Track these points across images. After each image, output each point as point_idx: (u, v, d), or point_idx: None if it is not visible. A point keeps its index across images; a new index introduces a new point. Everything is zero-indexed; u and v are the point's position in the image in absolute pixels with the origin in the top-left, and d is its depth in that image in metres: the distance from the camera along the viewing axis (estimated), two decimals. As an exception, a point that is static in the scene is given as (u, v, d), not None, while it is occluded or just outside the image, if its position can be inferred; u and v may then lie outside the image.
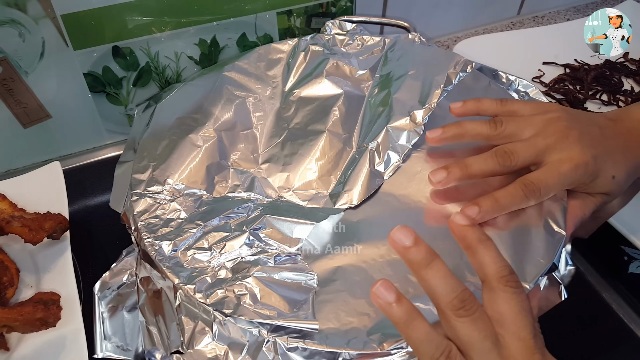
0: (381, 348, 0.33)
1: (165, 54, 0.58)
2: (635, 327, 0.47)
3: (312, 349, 0.33)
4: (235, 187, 0.45)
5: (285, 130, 0.50)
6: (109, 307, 0.41)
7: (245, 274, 0.36)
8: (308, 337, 0.33)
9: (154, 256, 0.37)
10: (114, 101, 0.59)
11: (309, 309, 0.35)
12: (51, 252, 0.46)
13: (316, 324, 0.34)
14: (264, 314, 0.34)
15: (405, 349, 0.33)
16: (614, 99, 0.65)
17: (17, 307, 0.37)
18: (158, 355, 0.34)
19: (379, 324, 0.34)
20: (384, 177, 0.45)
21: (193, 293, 0.35)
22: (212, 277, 0.36)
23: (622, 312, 0.48)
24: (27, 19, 0.50)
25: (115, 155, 0.60)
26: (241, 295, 0.35)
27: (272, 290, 0.36)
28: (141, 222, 0.40)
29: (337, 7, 0.64)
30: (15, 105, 0.54)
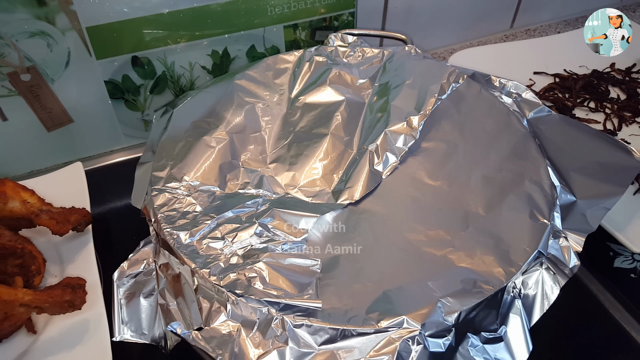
0: (378, 325, 0.36)
1: (180, 64, 0.62)
2: (620, 317, 0.50)
3: (316, 326, 0.36)
4: (245, 184, 0.48)
5: (291, 133, 0.53)
6: (126, 294, 0.44)
7: (255, 260, 0.40)
8: (312, 315, 0.37)
9: (173, 244, 0.41)
10: (131, 107, 0.63)
11: (313, 291, 0.38)
12: (74, 244, 0.50)
13: (319, 303, 0.37)
14: (272, 294, 0.37)
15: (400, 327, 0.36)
16: (601, 106, 0.69)
17: (47, 290, 0.41)
18: (179, 329, 0.37)
19: (376, 304, 0.38)
20: (382, 176, 0.49)
21: (208, 276, 0.39)
22: (225, 263, 0.40)
23: (608, 303, 0.51)
24: (55, 30, 0.54)
25: (131, 157, 0.64)
26: (251, 278, 0.38)
27: (279, 274, 0.39)
28: (160, 214, 0.43)
29: (339, 21, 0.68)
30: (41, 110, 0.58)
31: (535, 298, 0.42)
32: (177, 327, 0.37)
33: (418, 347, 0.36)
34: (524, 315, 0.40)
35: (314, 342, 0.36)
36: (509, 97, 0.57)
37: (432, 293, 0.38)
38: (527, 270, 0.42)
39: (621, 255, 0.54)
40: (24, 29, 0.53)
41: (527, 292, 0.42)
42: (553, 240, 0.44)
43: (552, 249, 0.43)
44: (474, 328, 0.39)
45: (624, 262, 0.54)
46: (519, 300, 0.41)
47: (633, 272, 0.53)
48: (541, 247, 0.42)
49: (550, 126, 0.54)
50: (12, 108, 0.57)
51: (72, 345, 0.43)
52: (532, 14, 0.87)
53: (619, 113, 0.68)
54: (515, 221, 0.44)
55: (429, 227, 0.45)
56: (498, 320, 0.40)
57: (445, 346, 0.37)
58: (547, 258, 0.43)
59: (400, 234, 0.44)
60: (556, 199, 0.47)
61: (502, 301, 0.40)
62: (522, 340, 0.39)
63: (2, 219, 0.46)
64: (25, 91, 0.56)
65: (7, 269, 0.44)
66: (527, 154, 0.50)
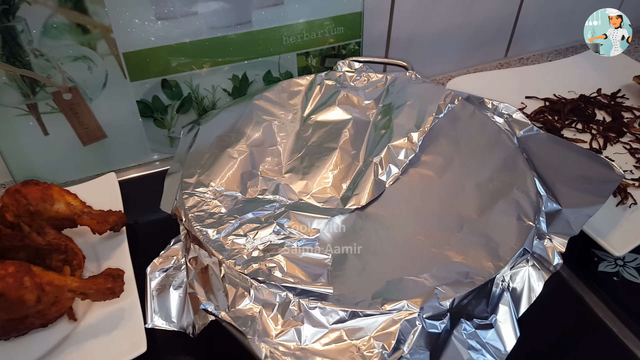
0: (382, 308, 0.41)
1: (204, 87, 0.68)
2: (603, 315, 0.54)
3: (328, 308, 0.42)
4: (263, 190, 0.54)
5: (304, 147, 0.59)
6: (157, 287, 0.49)
7: (274, 253, 0.45)
8: (324, 299, 0.42)
9: (203, 239, 0.47)
10: (159, 125, 0.69)
11: (325, 279, 0.44)
12: (110, 244, 0.56)
13: (331, 289, 0.42)
14: (289, 281, 0.43)
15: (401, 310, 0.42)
16: (588, 127, 0.75)
17: (92, 279, 0.46)
18: (210, 308, 0.43)
19: (380, 291, 0.43)
20: (385, 185, 0.55)
21: (234, 266, 0.44)
22: (248, 255, 0.45)
23: (592, 303, 0.55)
24: (95, 55, 0.61)
25: (158, 170, 0.70)
26: (271, 267, 0.44)
27: (295, 265, 0.45)
28: (191, 214, 0.49)
29: (347, 49, 0.75)
30: (79, 126, 0.64)
31: (522, 291, 0.47)
32: (209, 306, 0.42)
33: (417, 327, 0.41)
34: (512, 306, 0.45)
35: (326, 322, 0.41)
36: (501, 117, 0.63)
37: (429, 283, 0.44)
38: (515, 266, 0.47)
39: (605, 261, 0.59)
40: (68, 53, 0.60)
41: (515, 285, 0.47)
42: (538, 241, 0.49)
43: (537, 249, 0.49)
44: (467, 315, 0.44)
45: (607, 267, 0.58)
46: (508, 292, 0.46)
47: (615, 275, 0.57)
48: (527, 245, 0.47)
49: (538, 143, 0.60)
50: (53, 124, 0.63)
51: (110, 330, 0.48)
52: (525, 44, 0.93)
53: (604, 134, 0.74)
54: (504, 223, 0.50)
55: (427, 228, 0.50)
56: (489, 309, 0.45)
57: (441, 328, 0.42)
58: (533, 256, 0.48)
59: (401, 235, 0.50)
60: (541, 205, 0.52)
61: (492, 292, 0.45)
62: (510, 328, 0.44)
63: (49, 219, 0.52)
64: (66, 109, 0.63)
65: (52, 263, 0.50)
66: (516, 167, 0.56)
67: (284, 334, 0.41)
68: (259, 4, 0.65)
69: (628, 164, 0.69)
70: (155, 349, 0.49)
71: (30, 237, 0.49)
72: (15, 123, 0.61)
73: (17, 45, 0.57)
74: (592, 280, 0.57)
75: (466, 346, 0.42)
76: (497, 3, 0.83)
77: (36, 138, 0.63)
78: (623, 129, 0.74)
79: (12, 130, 0.62)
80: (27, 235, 0.49)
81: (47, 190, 0.52)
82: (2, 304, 0.42)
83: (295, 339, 0.41)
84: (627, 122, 0.76)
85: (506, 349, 0.43)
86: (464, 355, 0.42)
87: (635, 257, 0.59)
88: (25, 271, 0.42)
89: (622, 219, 0.60)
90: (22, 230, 0.49)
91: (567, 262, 0.58)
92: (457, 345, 0.42)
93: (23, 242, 0.49)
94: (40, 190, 0.52)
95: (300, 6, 0.67)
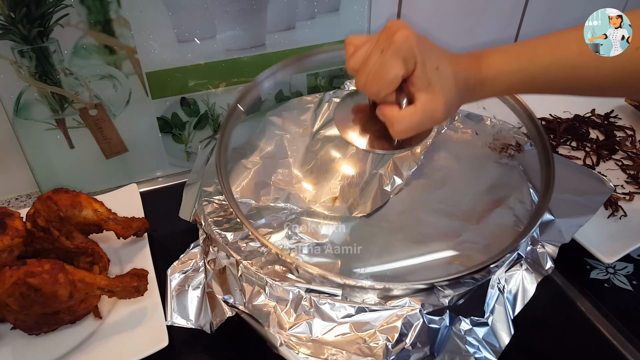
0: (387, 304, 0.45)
1: (220, 105, 0.73)
2: (595, 319, 0.57)
3: (337, 304, 0.45)
4: (275, 199, 0.58)
5: (313, 159, 0.64)
6: (177, 287, 0.52)
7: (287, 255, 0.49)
8: (332, 297, 0.46)
9: (221, 242, 0.51)
10: (177, 140, 0.73)
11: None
12: (132, 249, 0.60)
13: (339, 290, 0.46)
14: (302, 281, 0.46)
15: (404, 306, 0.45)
16: (582, 145, 0.79)
17: (118, 277, 0.50)
18: (231, 300, 0.46)
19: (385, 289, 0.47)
20: (390, 195, 0.59)
21: (251, 266, 0.48)
22: (264, 257, 0.49)
23: (585, 308, 0.58)
24: (120, 74, 0.65)
25: (176, 183, 0.74)
26: (285, 268, 0.48)
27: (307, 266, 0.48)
28: (210, 219, 0.53)
29: (353, 70, 0.80)
30: (103, 140, 0.69)
31: (517, 293, 0.50)
32: (229, 299, 0.46)
33: (418, 322, 0.44)
34: (508, 306, 0.49)
35: (335, 316, 0.45)
36: (499, 133, 0.67)
37: (430, 282, 0.47)
38: (510, 269, 0.50)
39: (596, 269, 0.62)
40: (96, 72, 0.64)
41: (510, 288, 0.50)
42: (532, 247, 0.53)
43: (531, 254, 0.52)
44: (465, 313, 0.47)
45: (598, 274, 0.62)
46: (503, 294, 0.49)
47: (606, 282, 0.61)
48: (520, 250, 0.51)
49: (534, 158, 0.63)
50: (78, 138, 0.68)
51: (134, 327, 0.51)
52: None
53: (597, 151, 0.78)
54: (500, 230, 0.54)
55: (429, 234, 0.54)
56: (485, 308, 0.48)
57: (441, 324, 0.45)
58: (526, 260, 0.51)
59: (404, 240, 0.54)
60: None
61: (488, 293, 0.49)
62: (505, 326, 0.48)
63: (77, 225, 0.56)
64: (91, 124, 0.67)
65: (80, 265, 0.54)
66: (513, 179, 0.60)
67: (297, 326, 0.44)
68: (272, 29, 0.70)
69: (619, 179, 0.73)
70: (174, 346, 0.52)
71: (59, 241, 0.53)
72: (44, 137, 0.66)
73: (49, 65, 0.62)
74: (585, 286, 0.60)
75: (464, 342, 0.46)
76: (497, 27, 0.88)
77: (62, 151, 0.68)
78: (615, 147, 0.78)
79: (40, 143, 0.67)
80: (57, 239, 0.53)
81: (76, 198, 0.56)
82: (38, 298, 0.45)
83: (307, 331, 0.44)
84: (619, 140, 0.80)
85: (501, 346, 0.46)
86: (462, 350, 0.45)
87: (625, 265, 0.62)
88: (60, 268, 0.46)
89: (612, 230, 0.64)
90: (52, 234, 0.53)
91: (561, 270, 0.61)
92: (456, 340, 0.46)
93: (53, 245, 0.53)
94: (69, 198, 0.56)
95: (310, 31, 0.72)
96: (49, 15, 0.58)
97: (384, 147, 0.47)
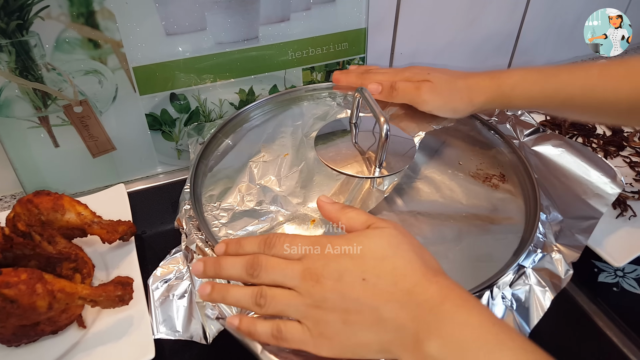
0: None
1: (211, 100, 0.70)
2: (603, 325, 0.55)
3: None
4: (261, 201, 0.55)
5: (302, 161, 0.60)
6: (160, 297, 0.49)
7: None
8: None
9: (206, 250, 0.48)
10: (167, 138, 0.70)
11: None
12: (119, 253, 0.57)
13: None
14: None
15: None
16: (588, 141, 0.76)
17: (102, 286, 0.47)
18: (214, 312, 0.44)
19: None
20: (384, 195, 0.55)
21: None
22: None
23: (592, 313, 0.56)
24: (106, 69, 0.62)
25: (166, 182, 0.71)
26: None
27: None
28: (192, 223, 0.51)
29: (351, 64, 0.76)
30: (89, 138, 0.66)
31: (528, 308, 0.47)
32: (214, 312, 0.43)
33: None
34: (519, 322, 0.46)
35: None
36: (504, 121, 0.64)
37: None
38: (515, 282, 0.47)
39: (604, 272, 0.60)
40: (80, 68, 0.61)
41: (520, 303, 0.47)
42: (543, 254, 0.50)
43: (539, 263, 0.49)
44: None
45: (607, 278, 0.59)
46: (512, 310, 0.46)
47: (615, 286, 0.58)
48: (523, 261, 0.48)
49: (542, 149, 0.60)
50: (63, 136, 0.65)
51: (119, 338, 0.49)
52: (527, 59, 0.95)
53: (604, 147, 0.75)
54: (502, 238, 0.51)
55: (426, 240, 0.51)
56: None
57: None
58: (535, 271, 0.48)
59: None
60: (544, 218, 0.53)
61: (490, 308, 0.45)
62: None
63: (59, 229, 0.53)
64: (76, 121, 0.64)
65: (63, 272, 0.51)
66: (517, 177, 0.57)
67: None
68: (265, 20, 0.67)
69: (628, 177, 0.70)
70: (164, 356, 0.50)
71: (41, 246, 0.50)
72: (27, 135, 0.63)
73: (30, 59, 0.58)
74: (592, 290, 0.58)
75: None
76: (500, 18, 0.85)
77: (47, 150, 0.65)
78: (623, 143, 0.76)
79: (24, 142, 0.64)
80: (38, 244, 0.50)
81: (58, 200, 0.54)
82: (14, 310, 0.43)
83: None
84: (627, 136, 0.77)
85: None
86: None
87: (634, 268, 0.60)
88: (38, 278, 0.43)
89: (621, 231, 0.61)
90: (33, 239, 0.50)
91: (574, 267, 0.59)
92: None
93: (34, 251, 0.50)
94: (51, 200, 0.53)
95: (305, 22, 0.69)
96: (28, 7, 0.55)
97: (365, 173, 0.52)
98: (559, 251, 0.50)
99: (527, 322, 0.46)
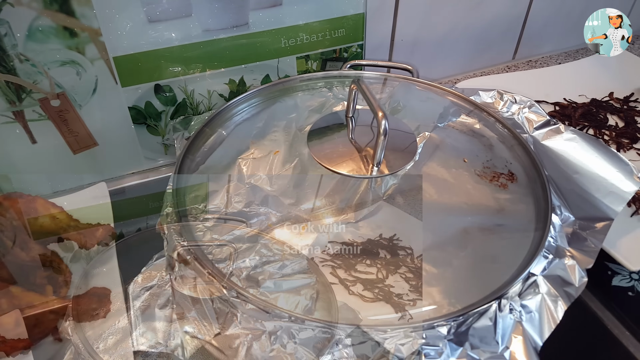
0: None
1: (200, 92, 0.66)
2: (618, 333, 0.52)
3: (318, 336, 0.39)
4: (250, 202, 0.51)
5: (296, 157, 0.56)
6: (142, 306, 0.46)
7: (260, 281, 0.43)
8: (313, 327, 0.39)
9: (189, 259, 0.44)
10: (153, 132, 0.66)
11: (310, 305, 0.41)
12: (98, 259, 0.53)
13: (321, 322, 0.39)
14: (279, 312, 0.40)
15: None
16: (600, 133, 0.72)
17: (75, 299, 0.44)
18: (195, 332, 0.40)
19: None
20: (382, 197, 0.52)
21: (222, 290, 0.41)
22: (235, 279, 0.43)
23: (606, 319, 0.53)
24: (84, 60, 0.58)
25: (151, 179, 0.67)
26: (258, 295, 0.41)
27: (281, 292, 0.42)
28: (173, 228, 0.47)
29: (348, 52, 0.72)
30: (68, 133, 0.62)
31: (539, 321, 0.43)
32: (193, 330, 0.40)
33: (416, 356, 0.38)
34: (528, 334, 0.42)
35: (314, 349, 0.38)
36: (512, 115, 0.60)
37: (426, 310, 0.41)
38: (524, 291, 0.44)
39: (619, 274, 0.56)
40: (56, 58, 0.57)
41: (531, 316, 0.43)
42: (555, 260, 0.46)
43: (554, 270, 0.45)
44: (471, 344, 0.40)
45: (621, 281, 0.56)
46: (521, 323, 0.42)
47: (630, 290, 0.55)
48: (534, 268, 0.44)
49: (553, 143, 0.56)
50: (41, 132, 0.61)
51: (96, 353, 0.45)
52: (534, 46, 0.90)
53: (617, 140, 0.71)
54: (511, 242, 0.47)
55: (429, 245, 0.47)
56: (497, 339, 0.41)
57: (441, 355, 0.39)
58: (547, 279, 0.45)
59: (401, 252, 0.47)
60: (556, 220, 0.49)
61: (498, 321, 0.42)
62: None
63: (33, 234, 0.50)
64: (54, 116, 0.60)
65: (37, 280, 0.48)
66: (526, 175, 0.53)
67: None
68: (256, 5, 0.62)
69: (643, 171, 0.66)
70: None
71: (12, 253, 0.47)
72: (1, 131, 0.59)
73: (1, 50, 0.54)
74: (606, 295, 0.54)
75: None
76: (505, 3, 0.80)
77: (23, 146, 0.61)
78: (637, 135, 0.71)
79: (-2, 138, 0.60)
80: (9, 251, 0.47)
81: (31, 204, 0.50)
82: (-22, 327, 0.39)
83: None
84: (640, 127, 0.73)
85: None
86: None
87: (652, 271, 0.56)
88: (3, 293, 0.40)
89: (637, 231, 0.57)
90: (4, 246, 0.47)
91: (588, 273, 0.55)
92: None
93: (5, 258, 0.46)
94: (24, 203, 0.50)
95: (299, 7, 0.65)
96: (-5, -8, 0.51)
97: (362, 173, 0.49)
98: (572, 256, 0.46)
99: (539, 336, 0.42)
